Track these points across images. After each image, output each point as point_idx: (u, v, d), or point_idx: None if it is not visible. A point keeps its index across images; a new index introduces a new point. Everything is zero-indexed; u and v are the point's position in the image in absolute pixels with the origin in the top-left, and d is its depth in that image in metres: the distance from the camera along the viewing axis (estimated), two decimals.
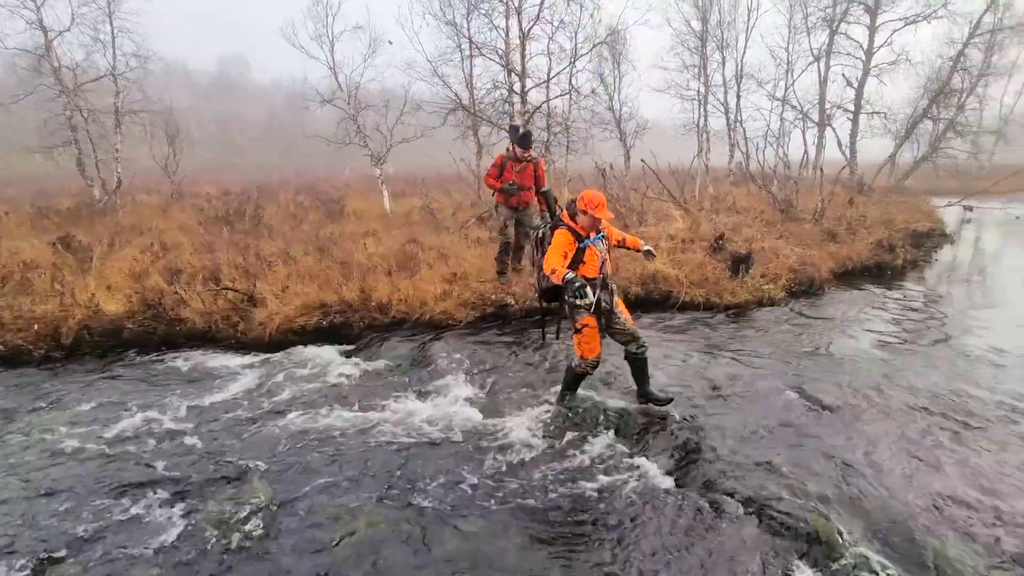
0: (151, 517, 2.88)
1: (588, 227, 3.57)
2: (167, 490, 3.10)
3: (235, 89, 68.58)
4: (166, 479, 3.22)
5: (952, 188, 20.48)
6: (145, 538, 2.72)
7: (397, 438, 3.72)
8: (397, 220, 12.03)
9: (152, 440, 3.74)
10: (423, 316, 6.04)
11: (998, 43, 20.69)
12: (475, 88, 12.18)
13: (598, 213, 3.47)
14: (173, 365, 5.29)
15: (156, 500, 3.02)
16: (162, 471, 3.30)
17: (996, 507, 2.83)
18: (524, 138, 6.18)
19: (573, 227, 3.55)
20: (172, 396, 4.47)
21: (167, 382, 4.87)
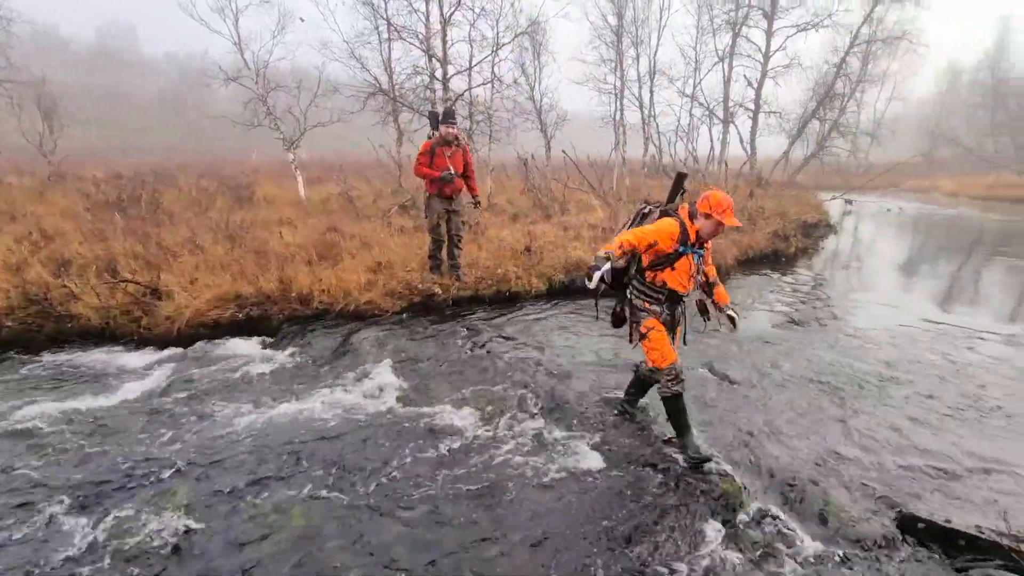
0: (54, 530, 2.63)
1: (706, 234, 3.03)
2: (70, 500, 2.84)
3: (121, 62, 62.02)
4: (67, 488, 2.93)
5: (836, 183, 22.79)
6: (47, 554, 2.48)
7: (326, 430, 3.63)
8: (314, 208, 11.52)
9: (48, 447, 3.39)
10: (347, 307, 5.89)
11: (872, 53, 23.12)
12: (395, 73, 11.87)
13: (726, 219, 2.93)
14: (67, 365, 4.79)
15: (59, 511, 2.75)
16: (63, 480, 3.01)
17: (870, 460, 3.26)
18: (448, 114, 6.09)
19: (686, 226, 3.04)
20: (69, 399, 4.06)
21: (60, 384, 4.42)
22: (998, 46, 34.87)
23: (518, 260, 7.26)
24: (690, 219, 3.04)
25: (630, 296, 3.26)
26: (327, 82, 12.14)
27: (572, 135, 15.55)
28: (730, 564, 2.47)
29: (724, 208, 2.93)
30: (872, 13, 20.62)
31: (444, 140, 6.00)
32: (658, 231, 3.01)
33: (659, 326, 3.17)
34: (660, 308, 3.16)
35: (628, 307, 3.31)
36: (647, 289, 3.19)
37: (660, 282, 3.10)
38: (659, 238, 2.99)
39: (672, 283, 3.13)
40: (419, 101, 11.31)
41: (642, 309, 3.20)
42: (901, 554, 2.54)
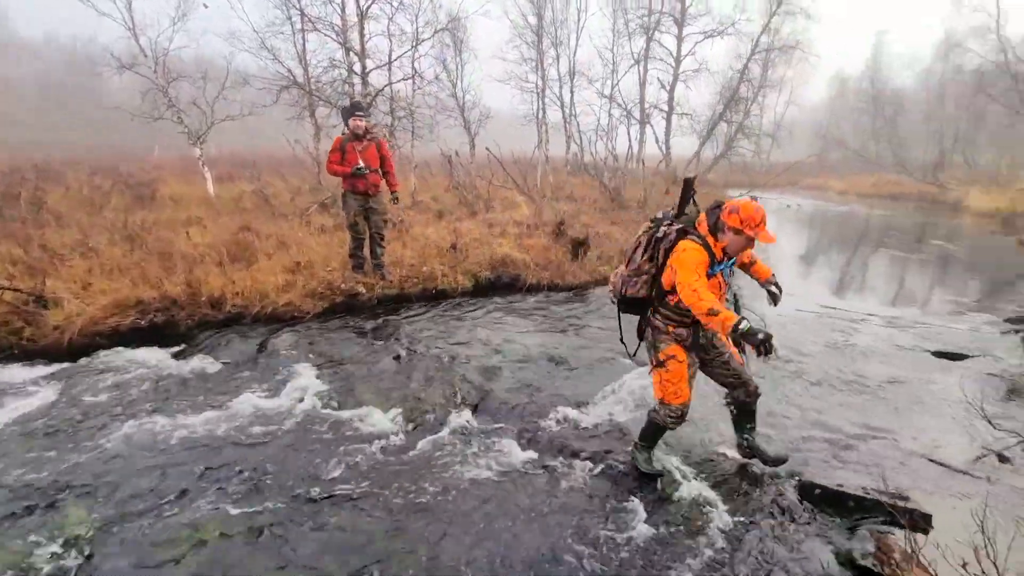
0: None
1: (734, 251, 2.64)
2: None
3: None
4: None
5: (742, 181, 24.44)
6: None
7: (241, 439, 3.45)
8: (225, 206, 10.85)
9: None
10: (264, 309, 5.62)
11: (771, 61, 25.03)
12: (310, 65, 11.39)
13: (760, 235, 2.53)
14: None
15: None
16: None
17: (774, 435, 3.55)
18: (354, 105, 5.92)
19: (710, 245, 2.61)
20: None
21: None
22: (875, 58, 38.80)
23: (444, 258, 7.23)
24: (711, 234, 2.62)
25: (652, 316, 2.88)
26: (236, 73, 11.46)
27: (496, 132, 15.65)
28: (654, 539, 2.61)
29: (757, 222, 2.52)
30: (769, 23, 22.32)
31: (354, 135, 5.85)
32: (699, 266, 2.55)
33: (681, 355, 2.80)
34: (686, 331, 2.78)
35: (648, 327, 2.91)
36: (672, 313, 2.79)
37: (686, 305, 2.57)
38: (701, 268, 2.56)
39: None
40: (337, 95, 10.93)
41: (664, 332, 2.82)
42: (802, 518, 2.79)
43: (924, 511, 2.70)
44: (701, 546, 2.56)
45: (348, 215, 6.13)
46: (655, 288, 2.82)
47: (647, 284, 2.82)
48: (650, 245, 2.79)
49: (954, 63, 27.69)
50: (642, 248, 2.83)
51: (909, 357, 5.16)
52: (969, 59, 23.45)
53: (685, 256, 2.57)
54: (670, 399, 2.85)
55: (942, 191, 24.13)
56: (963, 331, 5.99)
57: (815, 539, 2.61)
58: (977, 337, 5.78)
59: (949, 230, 15.81)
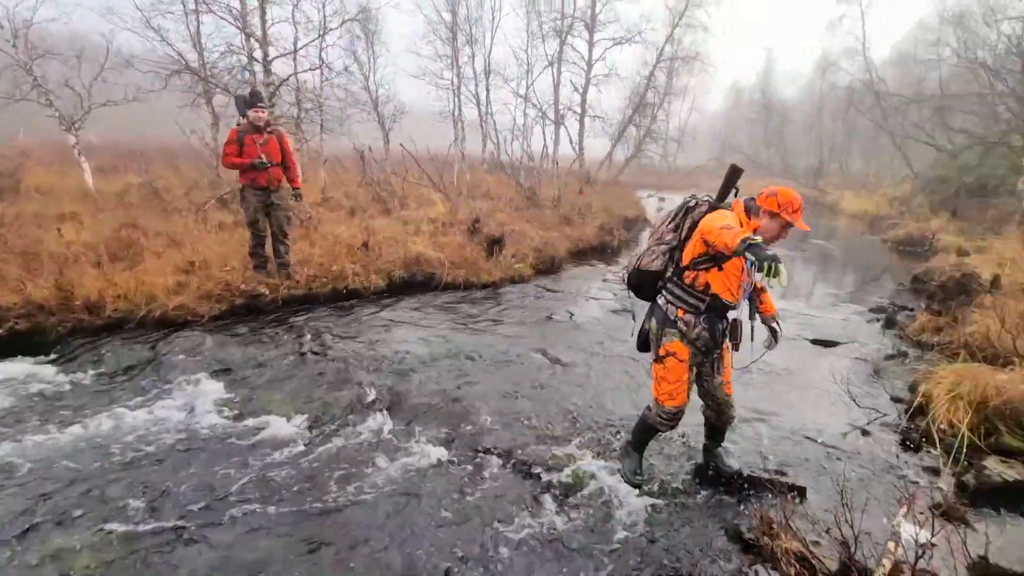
0: None
1: (765, 235, 2.43)
2: None
3: None
4: None
5: (651, 182, 25.78)
6: None
7: (125, 455, 3.13)
8: (107, 201, 9.79)
9: None
10: (152, 313, 5.14)
11: (675, 70, 26.54)
12: (206, 50, 10.55)
13: (797, 221, 2.41)
14: None
15: None
16: None
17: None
18: (253, 96, 5.56)
19: (742, 222, 2.48)
20: None
21: None
22: (766, 72, 42.32)
23: (355, 256, 6.98)
24: (746, 215, 2.51)
25: (661, 303, 2.67)
26: (118, 54, 10.36)
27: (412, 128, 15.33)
28: (565, 528, 2.67)
29: (796, 208, 2.40)
30: (672, 34, 23.64)
31: (254, 126, 5.51)
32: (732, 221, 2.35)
33: (683, 352, 2.61)
34: (696, 320, 2.57)
35: (655, 319, 2.69)
36: (684, 294, 2.58)
37: (702, 285, 2.50)
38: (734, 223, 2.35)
39: (718, 287, 2.53)
40: (236, 83, 10.20)
41: (672, 322, 2.61)
42: (699, 496, 2.98)
43: (799, 484, 2.98)
44: (608, 533, 2.66)
45: (248, 212, 5.75)
46: (673, 262, 2.62)
47: (664, 255, 2.63)
48: (678, 215, 2.65)
49: (830, 80, 30.77)
50: (670, 217, 2.68)
51: (791, 345, 5.67)
52: (842, 77, 26.13)
53: (717, 214, 2.43)
54: (663, 399, 2.70)
55: (822, 195, 26.78)
56: (836, 320, 6.68)
57: (708, 517, 2.80)
58: (847, 325, 6.46)
59: (828, 230, 17.56)
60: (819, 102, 35.88)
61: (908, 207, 17.70)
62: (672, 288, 2.63)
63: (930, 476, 3.27)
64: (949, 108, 17.10)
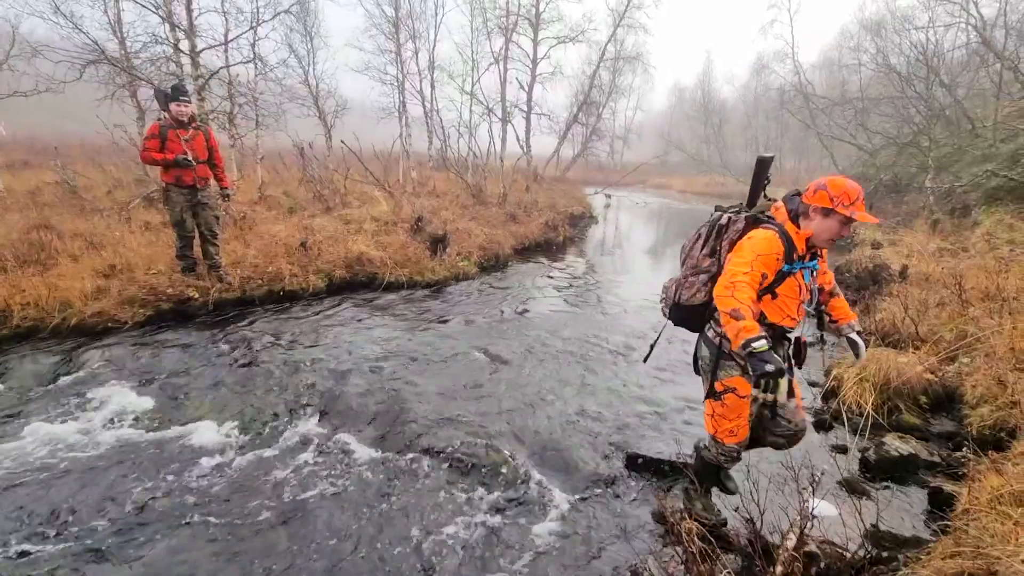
0: None
1: (824, 239, 2.14)
2: None
3: None
4: None
5: (599, 179, 26.26)
6: None
7: (34, 472, 2.94)
8: (16, 200, 9.08)
9: None
10: (67, 321, 4.82)
11: (618, 69, 27.13)
12: (127, 38, 9.93)
13: (858, 214, 2.05)
14: None
15: None
16: None
17: (608, 414, 3.86)
18: (175, 89, 5.25)
19: (789, 234, 2.14)
20: None
21: None
22: (705, 73, 43.91)
23: (293, 257, 6.77)
24: (792, 221, 2.17)
25: (711, 335, 2.35)
26: (26, 42, 9.60)
27: (355, 125, 14.98)
28: (500, 525, 2.70)
29: (853, 198, 2.05)
30: (615, 35, 24.14)
31: (178, 121, 5.24)
32: (764, 254, 2.08)
33: (744, 388, 2.27)
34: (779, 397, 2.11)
35: (707, 350, 2.37)
36: None
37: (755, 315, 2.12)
38: (766, 264, 2.08)
39: (774, 315, 2.21)
40: (161, 75, 9.66)
41: (728, 355, 2.27)
42: (628, 486, 3.08)
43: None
44: (542, 527, 2.71)
45: (174, 212, 5.46)
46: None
47: (705, 285, 2.30)
48: (711, 236, 2.32)
49: (764, 81, 32.29)
50: (702, 240, 2.35)
51: None
52: (774, 79, 27.44)
53: (748, 242, 2.12)
54: (724, 437, 2.38)
55: None
56: None
57: (636, 502, 2.91)
58: None
59: None
60: (754, 102, 37.59)
61: None
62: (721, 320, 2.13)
63: (838, 454, 3.50)
64: (869, 110, 18.28)
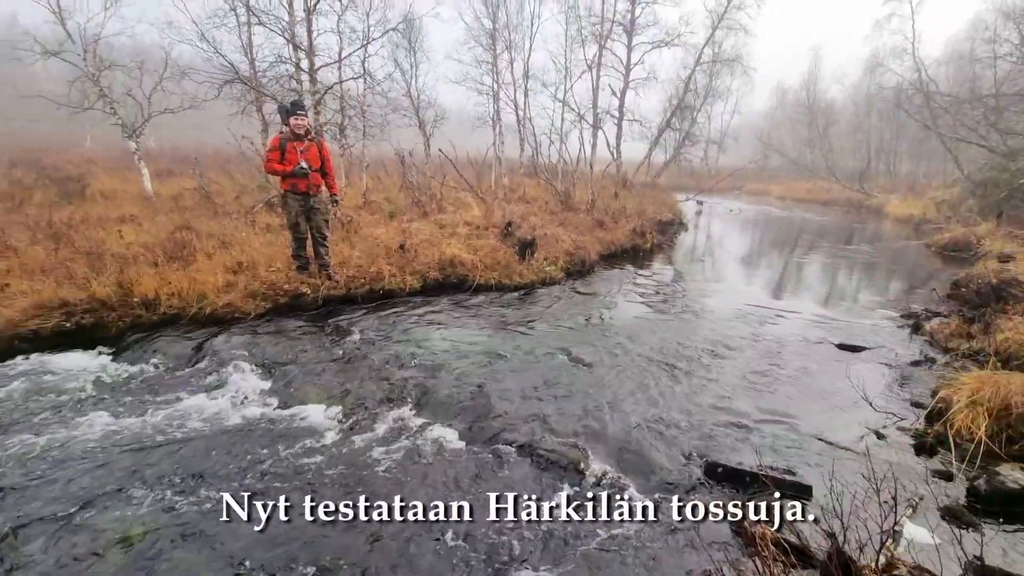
0: None
1: None
2: None
3: None
4: None
5: (691, 185, 25.38)
6: None
7: (175, 440, 3.38)
8: (163, 204, 10.41)
9: None
10: (203, 310, 5.45)
11: (716, 72, 26.09)
12: (256, 60, 11.08)
13: None
14: None
15: None
16: None
17: (689, 421, 3.79)
18: (294, 104, 5.78)
19: None
20: None
21: None
22: (811, 71, 40.98)
23: (392, 258, 7.20)
24: None
25: None
26: (177, 65, 11.00)
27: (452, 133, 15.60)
28: (576, 521, 2.76)
29: None
30: (712, 37, 23.26)
31: (295, 134, 5.76)
32: None
33: None
34: None
35: None
36: None
37: None
38: None
39: None
40: (284, 92, 10.67)
41: None
42: (706, 493, 3.02)
43: (805, 483, 3.00)
44: (617, 527, 2.74)
45: (289, 215, 6.03)
46: None
47: None
48: None
49: (878, 79, 29.58)
50: None
51: (816, 349, 5.59)
52: (889, 77, 25.06)
53: None
54: None
55: (867, 198, 25.74)
56: (866, 326, 6.50)
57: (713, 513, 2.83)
58: (877, 331, 6.28)
59: (871, 234, 16.90)
60: (866, 102, 34.50)
61: (956, 211, 16.86)
62: None
63: (941, 480, 3.19)
64: (1004, 108, 16.18)
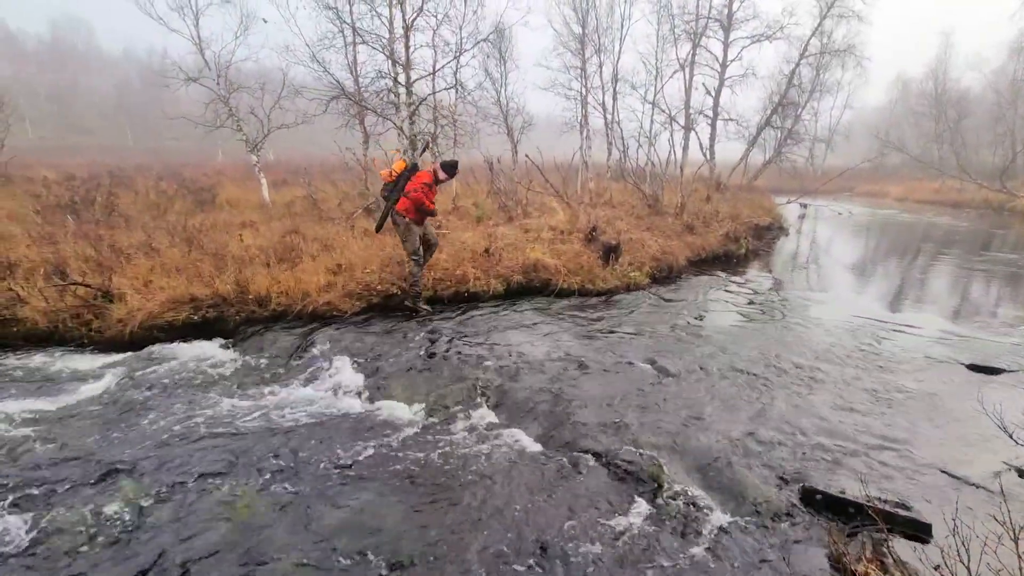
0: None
1: None
2: (12, 499, 2.86)
3: (75, 58, 59.82)
4: (9, 488, 2.96)
5: (793, 187, 23.66)
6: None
7: (278, 425, 3.72)
8: (277, 210, 11.46)
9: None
10: (306, 308, 5.94)
11: (824, 65, 24.16)
12: (360, 76, 11.88)
13: None
14: (12, 368, 4.72)
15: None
16: (4, 481, 3.02)
17: (784, 440, 3.53)
18: (454, 166, 6.20)
19: None
20: (15, 400, 4.04)
21: (5, 387, 4.36)
22: (940, 59, 36.73)
23: (478, 262, 7.41)
24: None
25: None
26: (291, 84, 12.07)
27: (538, 139, 15.78)
28: (652, 537, 2.67)
29: None
30: (820, 27, 21.58)
31: (437, 180, 6.10)
32: None
33: None
34: None
35: None
36: None
37: None
38: None
39: None
40: (382, 104, 11.34)
41: None
42: (801, 522, 2.79)
43: (924, 521, 2.67)
44: (693, 544, 2.62)
45: (413, 242, 6.11)
46: None
47: None
48: None
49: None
50: None
51: (941, 369, 4.97)
52: None
53: None
54: None
55: (1010, 198, 22.56)
56: (1006, 345, 5.69)
57: (810, 542, 2.62)
58: (1020, 351, 5.47)
59: (1015, 240, 14.80)
60: (1011, 90, 30.27)
61: None
62: None
63: None
64: None
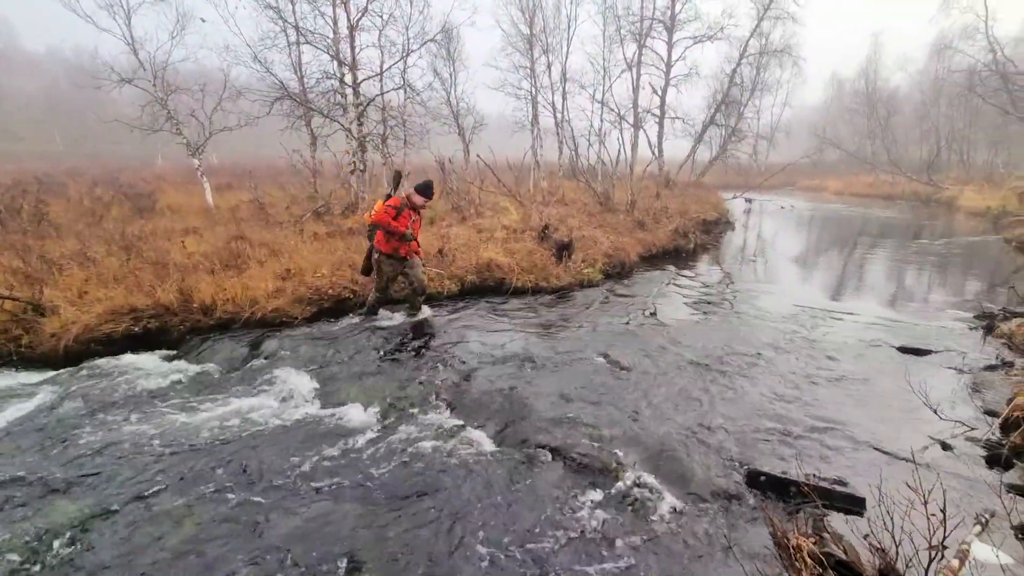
0: None
1: None
2: None
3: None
4: None
5: (738, 183, 24.62)
6: None
7: (227, 437, 3.65)
8: (222, 216, 11.09)
9: None
10: (254, 315, 5.82)
11: (763, 64, 25.25)
12: (304, 77, 11.66)
13: None
14: None
15: None
16: None
17: (731, 427, 3.73)
18: (428, 187, 5.98)
19: None
20: None
21: None
22: (870, 59, 38.96)
23: (431, 262, 7.43)
24: None
25: None
26: (234, 86, 11.73)
27: (491, 139, 15.87)
28: (605, 524, 2.79)
29: None
30: (759, 28, 22.54)
31: (414, 207, 5.90)
32: None
33: None
34: None
35: None
36: None
37: None
38: None
39: None
40: (329, 106, 11.17)
41: None
42: (747, 503, 2.97)
43: (858, 495, 2.88)
44: (648, 532, 2.74)
45: (382, 277, 6.02)
46: None
47: None
48: None
49: (947, 63, 27.79)
50: None
51: (876, 353, 5.33)
52: (960, 59, 23.53)
53: None
54: None
55: (936, 191, 24.23)
56: (933, 327, 6.15)
57: (752, 521, 2.79)
58: (945, 333, 5.93)
59: (942, 229, 15.92)
60: (934, 88, 32.46)
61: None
62: None
63: (1018, 495, 3.02)
64: None
